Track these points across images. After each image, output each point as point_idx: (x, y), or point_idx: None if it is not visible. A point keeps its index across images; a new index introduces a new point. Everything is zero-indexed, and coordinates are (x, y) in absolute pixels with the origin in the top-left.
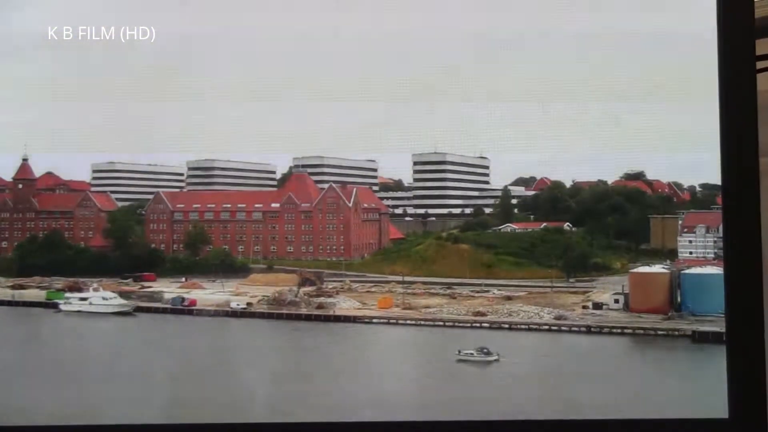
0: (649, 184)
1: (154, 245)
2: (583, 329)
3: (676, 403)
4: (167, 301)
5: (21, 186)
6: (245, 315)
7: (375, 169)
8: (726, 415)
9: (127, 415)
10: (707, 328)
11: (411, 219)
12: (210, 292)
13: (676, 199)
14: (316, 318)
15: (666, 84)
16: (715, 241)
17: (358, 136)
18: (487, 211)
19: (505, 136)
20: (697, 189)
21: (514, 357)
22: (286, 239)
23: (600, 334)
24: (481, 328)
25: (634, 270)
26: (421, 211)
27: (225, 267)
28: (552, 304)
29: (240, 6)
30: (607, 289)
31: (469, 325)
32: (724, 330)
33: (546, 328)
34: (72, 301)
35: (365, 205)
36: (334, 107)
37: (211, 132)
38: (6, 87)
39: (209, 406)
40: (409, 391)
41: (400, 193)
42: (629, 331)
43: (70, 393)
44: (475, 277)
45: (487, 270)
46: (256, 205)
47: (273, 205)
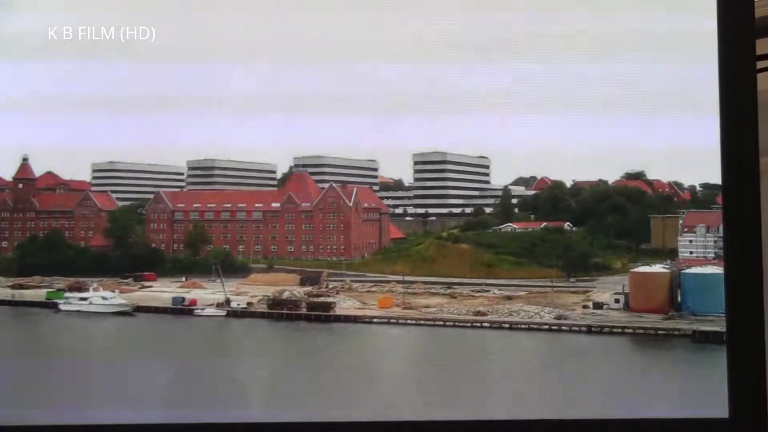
0: (650, 183)
1: (154, 245)
2: (584, 329)
3: (676, 402)
4: (167, 300)
5: (21, 185)
6: (245, 315)
7: (375, 169)
8: (726, 415)
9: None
10: (707, 327)
11: (411, 219)
12: (210, 292)
13: (676, 198)
14: (317, 318)
15: (666, 84)
16: (715, 241)
17: (359, 136)
18: (488, 210)
19: (506, 135)
20: (698, 189)
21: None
22: (286, 239)
23: (600, 334)
24: (481, 328)
25: (635, 270)
26: (422, 210)
27: (225, 267)
28: (552, 303)
29: (240, 6)
30: (608, 289)
31: (469, 324)
32: (724, 330)
33: (546, 327)
34: (72, 301)
35: (365, 204)
36: (334, 107)
37: (212, 132)
38: (6, 86)
39: (209, 406)
40: (409, 391)
41: (400, 193)
42: (629, 330)
43: (68, 393)
44: (476, 276)
45: (488, 269)
46: (257, 205)
47: (273, 204)
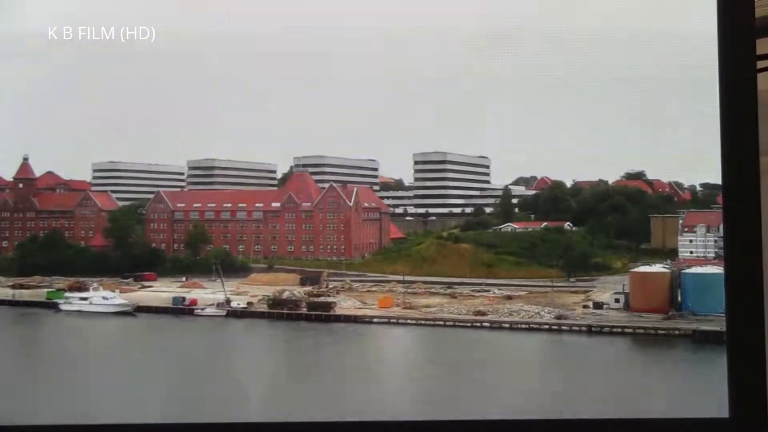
0: (650, 183)
1: (154, 245)
2: (584, 329)
3: (677, 402)
4: (167, 300)
5: (21, 185)
6: (245, 315)
7: (376, 169)
8: (726, 415)
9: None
10: (707, 327)
11: (411, 218)
12: (210, 292)
13: (676, 198)
14: (317, 318)
15: (667, 83)
16: (715, 241)
17: (359, 136)
18: (488, 210)
19: (506, 135)
20: (698, 188)
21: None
22: (286, 239)
23: (600, 334)
24: (481, 328)
25: (635, 269)
26: (422, 210)
27: (225, 267)
28: (552, 303)
29: (240, 6)
30: (608, 289)
31: (469, 324)
32: (724, 330)
33: (546, 327)
34: (72, 301)
35: (366, 204)
36: (334, 107)
37: (212, 131)
38: (7, 87)
39: (210, 405)
40: (409, 391)
41: (400, 193)
42: (630, 330)
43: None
44: (476, 276)
45: (488, 269)
46: (257, 205)
47: (274, 204)
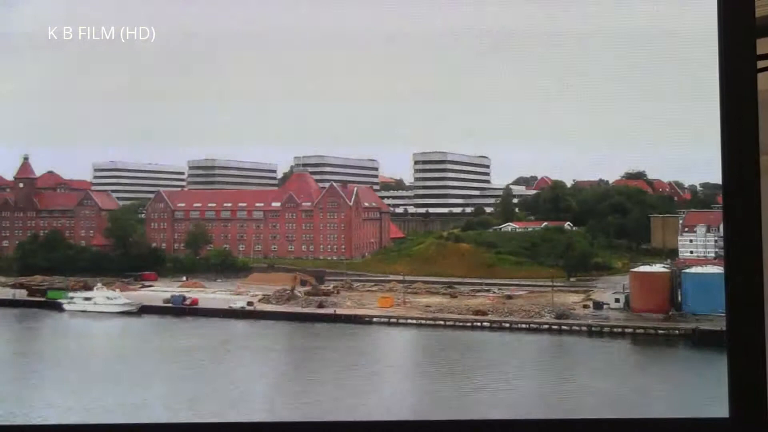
0: (650, 183)
1: (155, 244)
2: (584, 328)
3: (677, 402)
4: (167, 300)
5: (22, 185)
6: (245, 315)
7: (376, 168)
8: (726, 415)
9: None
10: (708, 327)
11: (412, 218)
12: (211, 292)
13: (677, 198)
14: (317, 317)
15: (667, 83)
16: (716, 240)
17: (359, 136)
18: (488, 210)
19: (506, 135)
20: (698, 188)
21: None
22: (287, 238)
23: (600, 334)
24: (481, 328)
25: (635, 269)
26: (422, 210)
27: (225, 267)
28: (553, 303)
29: (240, 6)
30: (608, 289)
31: (469, 324)
32: (724, 330)
33: (546, 327)
34: (76, 301)
35: (366, 204)
36: (334, 107)
37: (212, 131)
38: (7, 86)
39: (208, 405)
40: (409, 390)
41: (401, 192)
42: (630, 330)
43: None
44: (476, 276)
45: (488, 269)
46: (257, 204)
47: (274, 204)
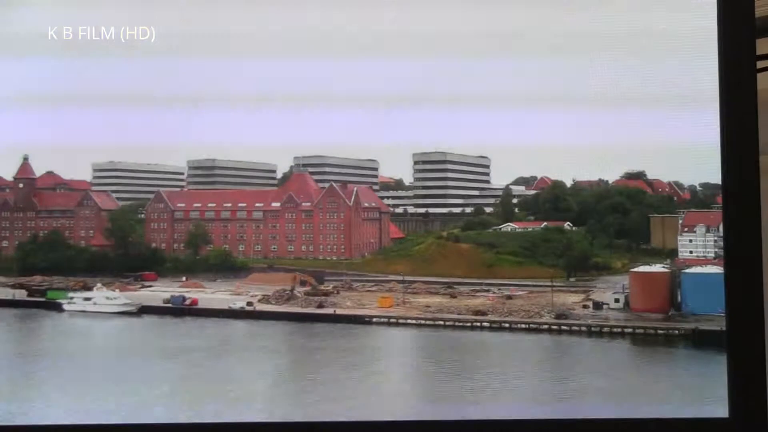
0: (650, 183)
1: (154, 244)
2: (584, 328)
3: (677, 402)
4: (167, 300)
5: (22, 185)
6: (245, 315)
7: (376, 168)
8: (726, 415)
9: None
10: (707, 327)
11: (412, 218)
12: (210, 292)
13: (676, 198)
14: (317, 317)
15: (667, 84)
16: (715, 240)
17: (359, 136)
18: (488, 210)
19: (506, 135)
20: (698, 188)
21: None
22: (286, 238)
23: (600, 334)
24: (481, 328)
25: (635, 269)
26: (422, 210)
27: (225, 267)
28: (552, 303)
29: (240, 6)
30: (608, 289)
31: (469, 324)
32: (724, 330)
33: (546, 327)
34: (76, 301)
35: (366, 204)
36: (334, 107)
37: (212, 131)
38: (7, 87)
39: (209, 405)
40: (409, 390)
41: (400, 192)
42: (629, 330)
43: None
44: (476, 276)
45: (488, 269)
46: (257, 204)
47: (274, 204)
